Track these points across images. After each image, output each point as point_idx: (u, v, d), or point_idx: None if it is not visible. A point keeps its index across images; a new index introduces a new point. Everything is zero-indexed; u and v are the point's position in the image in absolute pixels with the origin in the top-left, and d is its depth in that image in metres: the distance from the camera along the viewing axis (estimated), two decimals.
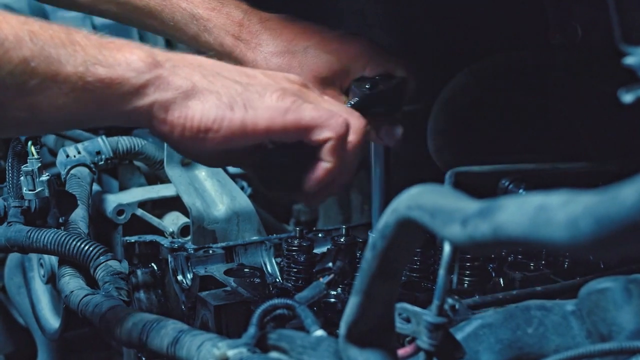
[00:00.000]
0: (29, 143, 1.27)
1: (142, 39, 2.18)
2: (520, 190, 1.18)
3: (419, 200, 0.72)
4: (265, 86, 1.04)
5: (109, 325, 1.07)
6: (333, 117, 1.05)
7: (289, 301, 0.98)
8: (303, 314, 0.96)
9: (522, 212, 0.58)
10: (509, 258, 1.35)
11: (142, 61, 0.96)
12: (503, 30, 1.70)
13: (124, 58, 0.95)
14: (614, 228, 0.49)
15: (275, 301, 0.98)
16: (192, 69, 1.00)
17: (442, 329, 0.87)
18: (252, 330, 0.94)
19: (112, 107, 0.97)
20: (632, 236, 0.49)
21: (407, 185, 0.81)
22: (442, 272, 0.88)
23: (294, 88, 1.06)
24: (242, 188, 2.05)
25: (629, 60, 0.70)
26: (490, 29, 1.71)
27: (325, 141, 1.04)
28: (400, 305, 0.91)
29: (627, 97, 0.70)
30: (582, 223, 0.51)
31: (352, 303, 0.83)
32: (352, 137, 1.07)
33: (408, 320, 0.90)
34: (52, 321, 1.59)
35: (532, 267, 1.31)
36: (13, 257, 1.79)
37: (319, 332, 0.93)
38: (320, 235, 1.47)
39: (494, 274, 1.33)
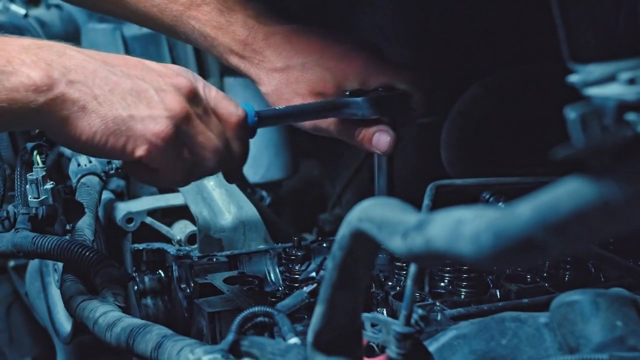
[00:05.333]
0: (35, 152, 1.31)
1: (172, 49, 2.23)
2: (500, 203, 1.19)
3: (369, 212, 0.74)
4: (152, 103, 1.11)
5: (100, 329, 1.11)
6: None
7: (268, 309, 1.00)
8: (281, 321, 0.99)
9: (445, 226, 0.60)
10: (508, 270, 1.35)
11: (38, 83, 1.04)
12: (515, 44, 1.71)
13: (20, 82, 1.04)
14: (509, 242, 0.51)
15: (255, 309, 1.00)
16: (86, 81, 1.08)
17: (410, 339, 0.89)
18: (230, 336, 0.97)
19: (14, 123, 1.12)
20: (527, 250, 0.51)
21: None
22: (409, 283, 0.90)
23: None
24: (262, 197, 2.08)
25: (573, 78, 0.71)
26: (503, 42, 1.72)
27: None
28: (372, 315, 0.93)
29: (572, 114, 0.71)
30: (482, 237, 0.52)
31: (317, 312, 0.85)
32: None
33: (380, 330, 0.92)
34: (67, 325, 1.63)
35: (528, 279, 1.31)
36: (33, 263, 1.84)
37: (294, 340, 0.95)
38: (324, 245, 1.48)
39: (491, 285, 1.34)
